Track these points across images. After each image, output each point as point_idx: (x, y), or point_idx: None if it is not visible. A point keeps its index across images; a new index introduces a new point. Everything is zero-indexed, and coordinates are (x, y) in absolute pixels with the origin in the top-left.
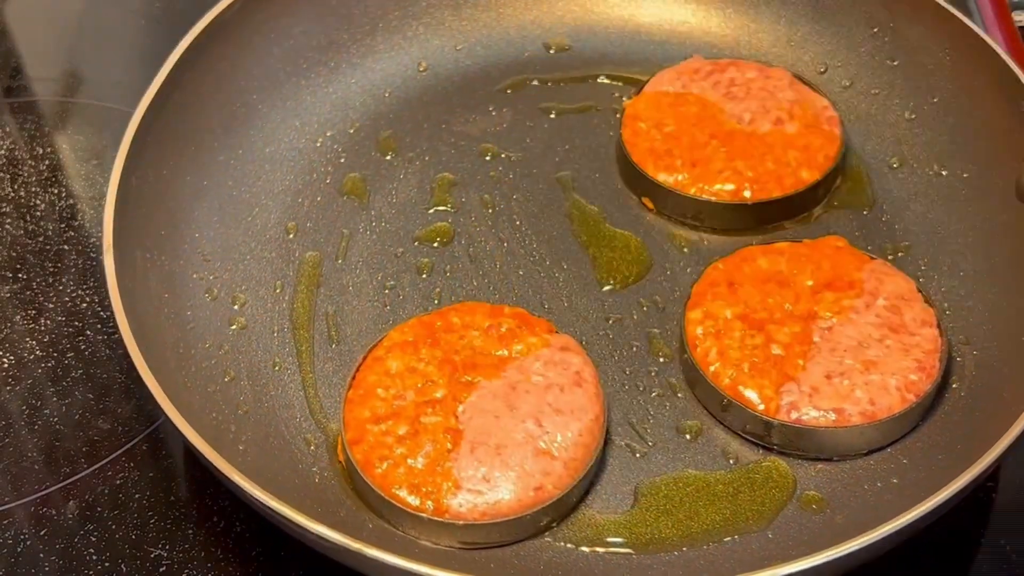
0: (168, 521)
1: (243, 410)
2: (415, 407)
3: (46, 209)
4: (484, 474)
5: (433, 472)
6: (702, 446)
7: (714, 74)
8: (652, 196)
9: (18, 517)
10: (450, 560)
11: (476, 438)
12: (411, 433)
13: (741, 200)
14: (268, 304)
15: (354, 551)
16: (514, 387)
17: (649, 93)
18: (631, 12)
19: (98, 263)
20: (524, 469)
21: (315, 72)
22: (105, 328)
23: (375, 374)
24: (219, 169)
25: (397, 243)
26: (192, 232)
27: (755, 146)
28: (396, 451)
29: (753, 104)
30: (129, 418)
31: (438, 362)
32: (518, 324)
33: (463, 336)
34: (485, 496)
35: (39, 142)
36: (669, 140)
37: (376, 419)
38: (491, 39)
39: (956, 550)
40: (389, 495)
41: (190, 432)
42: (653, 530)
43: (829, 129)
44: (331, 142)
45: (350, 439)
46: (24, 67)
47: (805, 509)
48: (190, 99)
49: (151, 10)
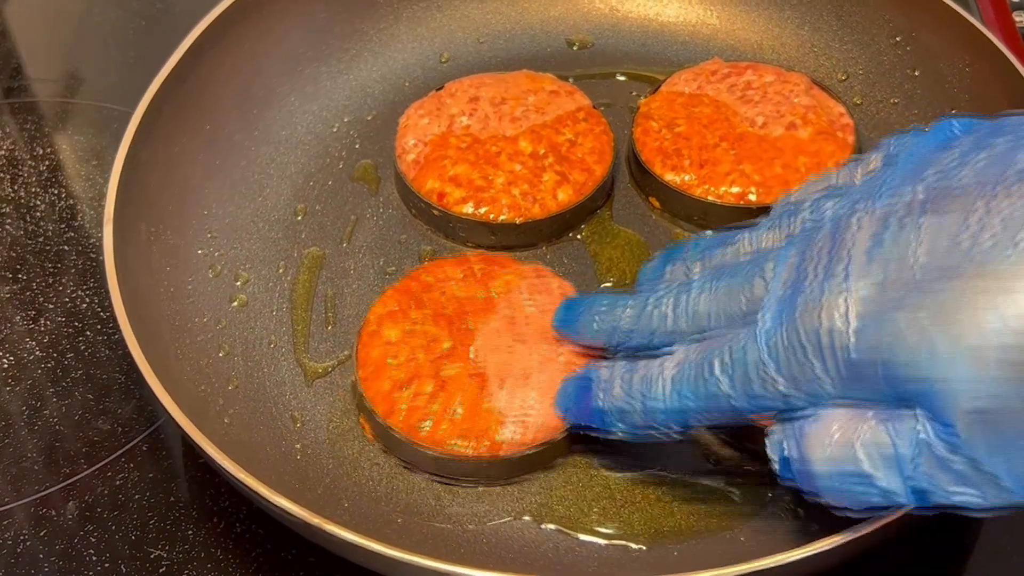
0: (168, 522)
1: (233, 385)
2: (431, 364)
3: (46, 210)
4: (522, 402)
5: (476, 415)
6: (684, 446)
7: (731, 76)
8: (659, 195)
9: (18, 517)
10: (424, 545)
11: (500, 373)
12: (438, 388)
13: (746, 203)
14: (270, 283)
15: (314, 526)
16: (512, 320)
17: (664, 93)
18: (656, 11)
19: (99, 263)
20: (557, 385)
21: (336, 58)
22: (105, 329)
23: (376, 348)
24: (233, 149)
25: (401, 230)
26: (200, 209)
27: (765, 150)
28: (432, 408)
29: (767, 108)
30: (129, 419)
31: (431, 319)
32: (487, 265)
33: (443, 290)
34: (532, 419)
35: (39, 143)
36: (679, 140)
37: (399, 386)
38: (514, 33)
39: (956, 550)
40: (445, 451)
41: (165, 398)
42: (625, 525)
43: (842, 137)
44: (347, 128)
45: (383, 413)
46: (24, 68)
47: (782, 515)
48: (208, 77)
49: (151, 11)
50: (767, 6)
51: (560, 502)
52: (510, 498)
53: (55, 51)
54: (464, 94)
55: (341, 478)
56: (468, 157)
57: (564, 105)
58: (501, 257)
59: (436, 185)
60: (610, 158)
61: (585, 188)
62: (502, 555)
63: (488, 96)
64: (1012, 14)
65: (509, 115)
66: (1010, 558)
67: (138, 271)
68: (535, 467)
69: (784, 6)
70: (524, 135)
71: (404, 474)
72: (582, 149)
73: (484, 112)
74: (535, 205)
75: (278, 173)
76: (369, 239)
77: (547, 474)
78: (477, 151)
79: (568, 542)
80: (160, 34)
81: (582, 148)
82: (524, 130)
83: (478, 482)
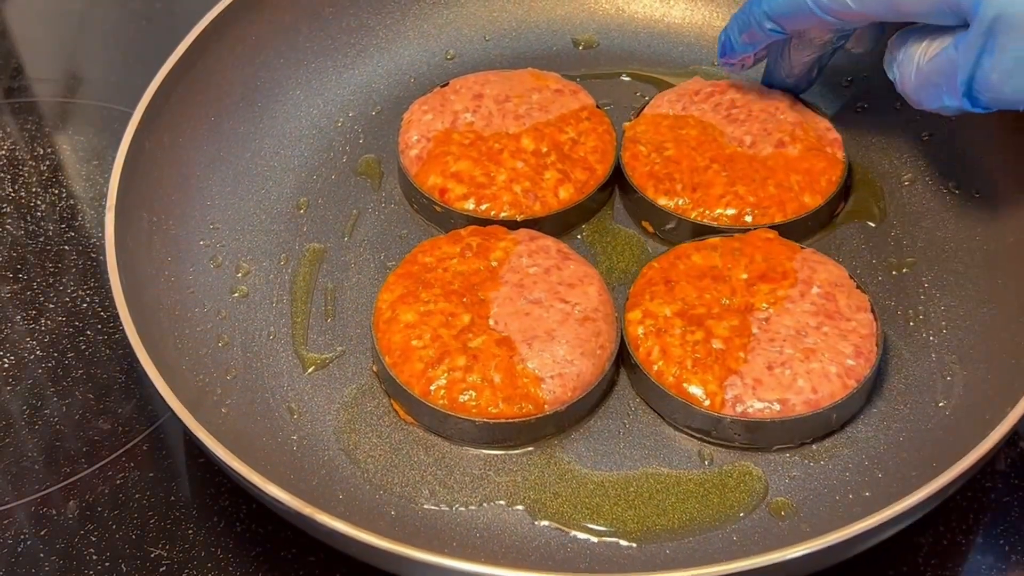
0: (168, 521)
1: (232, 375)
2: (455, 339)
3: (47, 209)
4: (553, 359)
5: (513, 379)
6: (679, 445)
7: (714, 95)
8: (651, 219)
9: (18, 517)
10: (416, 537)
11: (525, 336)
12: (471, 360)
13: (742, 225)
14: (271, 275)
15: (306, 516)
16: (520, 285)
17: (648, 116)
18: (662, 12)
19: (99, 263)
20: (581, 339)
21: (342, 53)
22: (106, 328)
23: (397, 333)
24: (238, 141)
25: (403, 225)
26: (204, 200)
27: (756, 170)
28: (470, 379)
29: (754, 126)
30: (129, 418)
31: (443, 297)
32: (482, 237)
33: (445, 268)
34: (568, 374)
35: (40, 142)
36: (669, 164)
37: (431, 364)
38: (520, 32)
39: (955, 550)
40: (491, 418)
41: (163, 386)
42: (618, 523)
43: (832, 152)
44: (352, 123)
45: (421, 393)
46: (25, 68)
47: (774, 515)
48: (214, 69)
49: (151, 11)
50: None
51: (554, 499)
52: (507, 486)
53: (55, 51)
54: (468, 91)
55: (336, 469)
56: (471, 153)
57: (568, 104)
58: (490, 228)
59: (438, 181)
60: (612, 157)
61: (587, 187)
62: (494, 549)
63: (492, 93)
64: None
65: (513, 113)
66: (1010, 558)
67: (139, 260)
68: (578, 419)
69: None
70: (527, 133)
71: (399, 466)
72: (585, 148)
73: (488, 109)
74: (536, 203)
75: (281, 166)
76: (370, 233)
77: (542, 470)
78: (480, 148)
79: (561, 538)
80: (160, 34)
81: (585, 147)
82: (527, 128)
83: (517, 446)
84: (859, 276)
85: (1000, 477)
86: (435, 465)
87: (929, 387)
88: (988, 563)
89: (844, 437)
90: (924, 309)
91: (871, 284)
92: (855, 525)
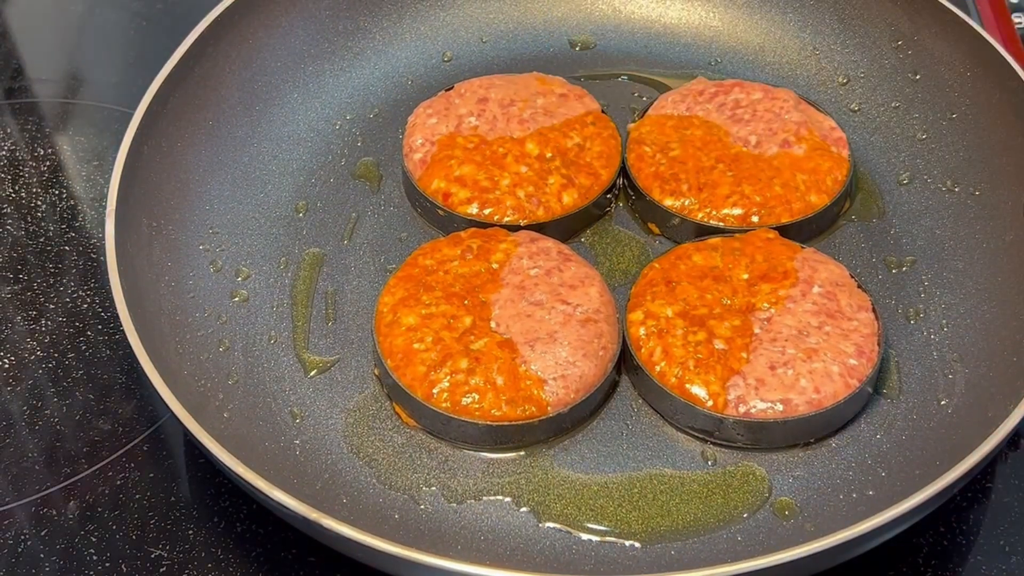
0: (168, 521)
1: (233, 380)
2: (457, 342)
3: (47, 210)
4: (555, 360)
5: (516, 381)
6: (681, 446)
7: (719, 95)
8: (657, 221)
9: (18, 517)
10: (420, 542)
11: (527, 338)
12: (473, 362)
13: (749, 226)
14: (271, 279)
15: (312, 521)
16: (521, 287)
17: (653, 116)
18: (659, 13)
19: (99, 264)
20: (583, 340)
21: (339, 56)
22: (106, 329)
23: (399, 336)
24: (236, 144)
25: (402, 228)
26: (203, 204)
27: (762, 169)
28: (473, 382)
29: (759, 126)
30: (130, 419)
31: (444, 299)
32: (482, 239)
33: (446, 271)
34: (571, 375)
35: (40, 143)
36: (675, 164)
37: (434, 367)
38: (517, 33)
39: (955, 550)
40: (494, 420)
41: (165, 392)
42: (623, 524)
43: (837, 152)
44: (350, 126)
45: (424, 396)
46: (25, 68)
47: (777, 515)
48: (212, 72)
49: (152, 11)
50: (769, 9)
51: (558, 500)
52: (510, 489)
53: (55, 51)
54: (473, 95)
55: (340, 473)
56: (475, 158)
57: (573, 108)
58: (490, 230)
59: (442, 185)
60: (617, 163)
61: (591, 192)
62: (500, 552)
63: (497, 97)
64: (1011, 16)
65: (517, 117)
66: (1010, 558)
67: (139, 265)
68: (580, 421)
69: (786, 9)
70: (531, 137)
71: (403, 470)
72: (590, 153)
73: (492, 113)
74: (540, 208)
75: (280, 170)
76: (370, 236)
77: (546, 472)
78: (484, 152)
79: (566, 540)
80: (160, 34)
81: (590, 152)
82: (532, 132)
83: (520, 447)
84: (859, 275)
85: (1000, 477)
86: (438, 468)
87: (931, 385)
88: (988, 563)
89: (847, 436)
90: (924, 307)
91: (871, 283)
92: (860, 524)
